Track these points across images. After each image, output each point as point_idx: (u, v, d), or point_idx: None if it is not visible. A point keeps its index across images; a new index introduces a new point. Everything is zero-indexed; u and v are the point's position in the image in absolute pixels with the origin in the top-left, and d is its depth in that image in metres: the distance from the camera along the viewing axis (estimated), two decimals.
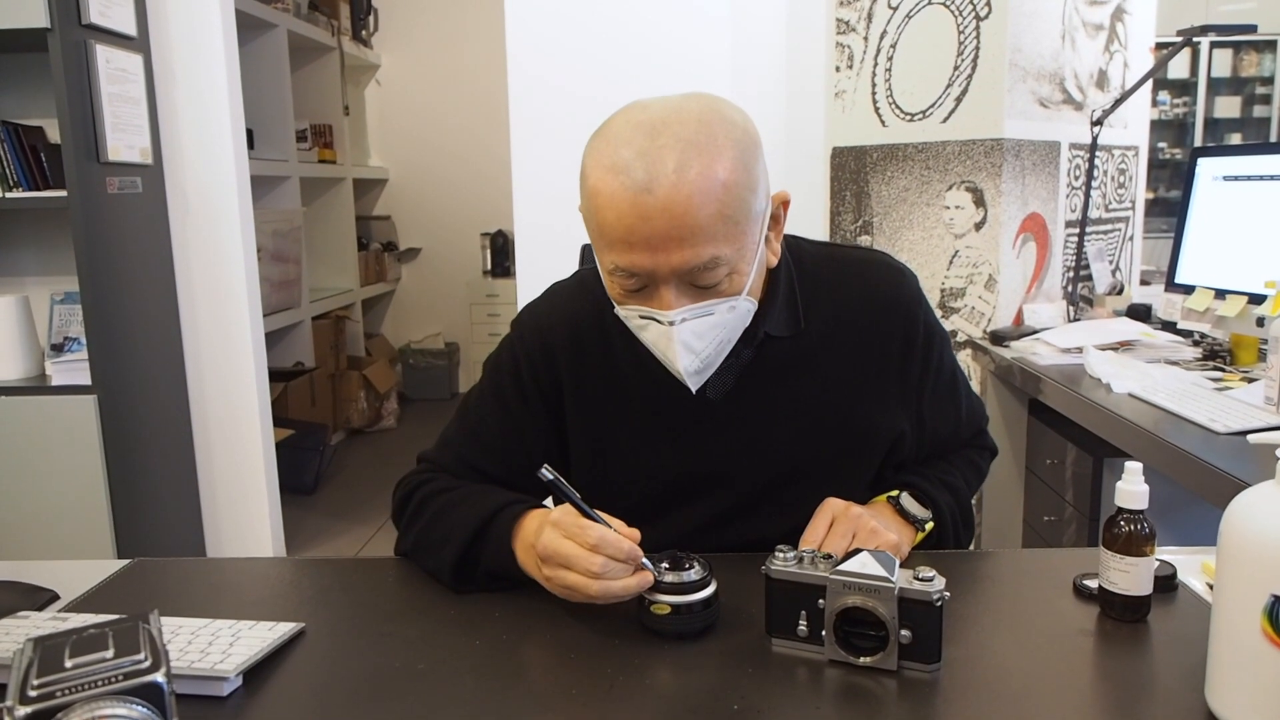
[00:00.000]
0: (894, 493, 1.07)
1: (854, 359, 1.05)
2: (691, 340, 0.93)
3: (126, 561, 1.12)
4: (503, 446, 1.08)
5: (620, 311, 0.97)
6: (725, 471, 1.05)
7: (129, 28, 2.41)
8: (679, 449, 1.05)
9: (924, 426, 1.11)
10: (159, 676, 0.63)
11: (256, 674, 0.83)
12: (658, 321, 0.93)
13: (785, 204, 1.00)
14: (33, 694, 0.61)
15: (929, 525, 1.07)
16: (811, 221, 2.58)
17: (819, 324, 1.05)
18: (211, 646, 0.84)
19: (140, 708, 0.62)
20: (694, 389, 0.98)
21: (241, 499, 2.79)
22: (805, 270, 1.07)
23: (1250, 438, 1.36)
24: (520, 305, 2.13)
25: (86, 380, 2.28)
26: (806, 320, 1.04)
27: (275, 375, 3.80)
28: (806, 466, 1.05)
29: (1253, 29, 2.42)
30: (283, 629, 0.89)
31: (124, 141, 2.37)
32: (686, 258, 0.89)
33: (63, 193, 2.21)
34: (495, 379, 1.11)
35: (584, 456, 1.08)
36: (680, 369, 0.95)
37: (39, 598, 1.00)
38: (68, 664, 0.63)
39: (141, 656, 0.64)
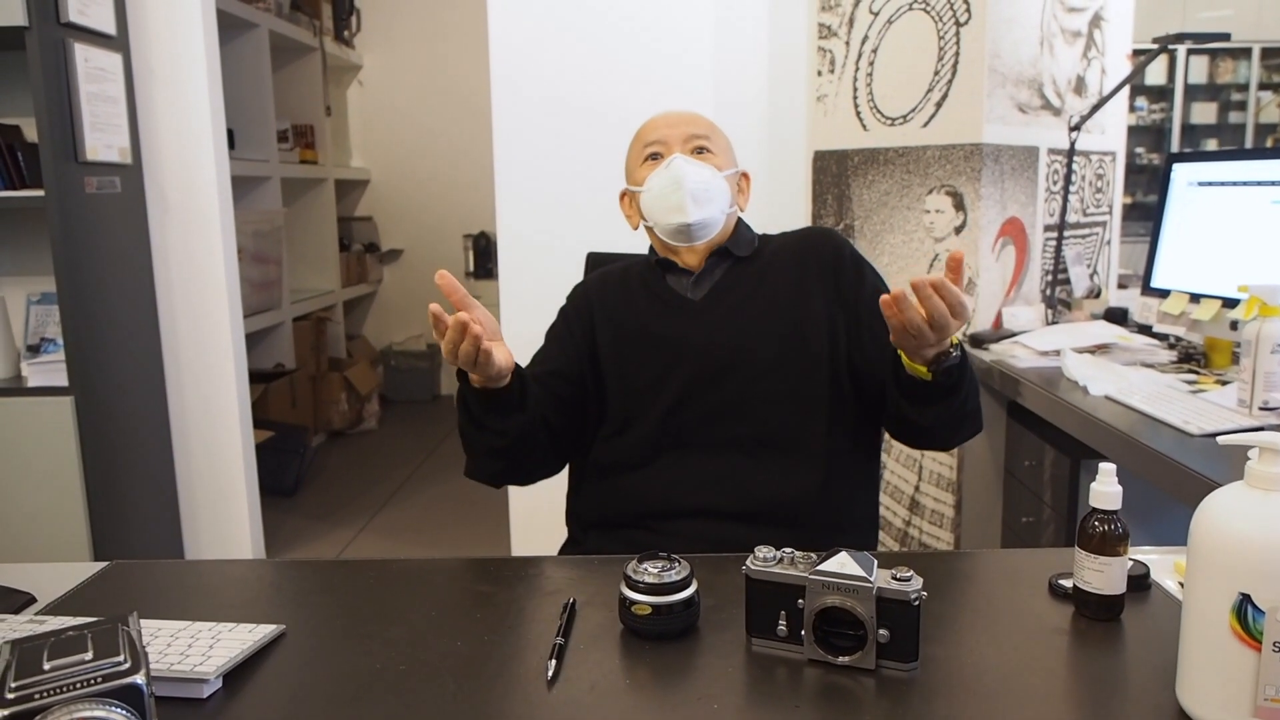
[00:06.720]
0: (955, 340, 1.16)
1: (792, 273, 1.37)
2: (688, 170, 1.33)
3: (104, 564, 1.12)
4: (548, 354, 1.40)
5: (646, 179, 1.36)
6: (703, 351, 1.34)
7: (108, 26, 2.39)
8: (676, 340, 1.36)
9: (874, 330, 1.27)
10: (138, 678, 0.63)
11: (236, 676, 0.83)
12: (666, 164, 1.34)
13: (747, 177, 1.46)
14: (10, 696, 0.61)
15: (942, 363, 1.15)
16: (793, 224, 2.58)
17: (769, 253, 1.41)
18: (191, 649, 0.83)
19: (119, 710, 0.62)
20: (692, 220, 1.31)
21: (221, 501, 2.77)
22: (763, 235, 1.47)
23: (1219, 439, 1.37)
24: (503, 307, 2.30)
25: (64, 382, 2.25)
26: (759, 249, 1.42)
27: (256, 377, 3.78)
28: (761, 351, 1.33)
29: (1226, 37, 2.45)
30: (263, 631, 0.89)
31: (102, 141, 2.35)
32: (690, 130, 1.38)
33: (40, 192, 2.19)
34: (554, 327, 1.44)
35: (610, 358, 1.39)
36: (685, 190, 1.31)
37: (15, 600, 0.99)
38: (46, 666, 0.63)
39: (121, 658, 0.64)
